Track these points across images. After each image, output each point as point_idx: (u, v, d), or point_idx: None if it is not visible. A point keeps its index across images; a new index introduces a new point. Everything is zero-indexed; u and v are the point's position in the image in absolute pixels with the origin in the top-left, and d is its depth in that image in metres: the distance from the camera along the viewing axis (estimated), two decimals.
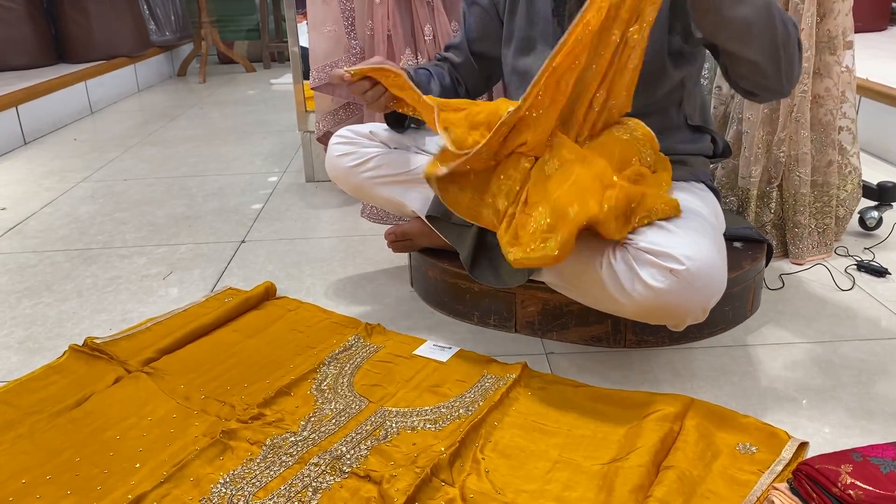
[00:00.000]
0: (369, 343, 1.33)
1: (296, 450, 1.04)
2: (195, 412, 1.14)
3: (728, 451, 1.01)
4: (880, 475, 0.84)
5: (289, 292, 1.56)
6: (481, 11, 1.43)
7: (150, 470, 1.01)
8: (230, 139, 3.03)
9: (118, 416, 1.13)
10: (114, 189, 2.38)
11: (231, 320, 1.42)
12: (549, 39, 1.32)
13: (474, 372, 1.22)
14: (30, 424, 1.11)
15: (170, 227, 2.01)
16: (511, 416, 1.11)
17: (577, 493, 0.95)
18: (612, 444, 1.03)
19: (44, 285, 1.66)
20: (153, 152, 2.85)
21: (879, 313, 1.42)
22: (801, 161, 1.58)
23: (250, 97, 4.00)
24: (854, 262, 1.61)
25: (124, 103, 3.95)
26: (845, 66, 1.57)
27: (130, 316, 1.50)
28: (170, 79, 4.75)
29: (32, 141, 3.08)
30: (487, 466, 1.00)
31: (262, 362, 1.28)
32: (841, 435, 1.07)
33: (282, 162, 2.63)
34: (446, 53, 1.50)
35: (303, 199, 2.21)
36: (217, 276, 1.68)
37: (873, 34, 3.71)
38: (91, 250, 1.86)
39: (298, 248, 1.83)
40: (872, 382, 1.19)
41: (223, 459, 1.02)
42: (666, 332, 1.29)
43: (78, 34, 3.91)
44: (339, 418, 1.11)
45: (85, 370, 1.26)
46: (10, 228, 2.04)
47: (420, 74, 1.42)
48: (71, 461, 1.03)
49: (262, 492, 0.96)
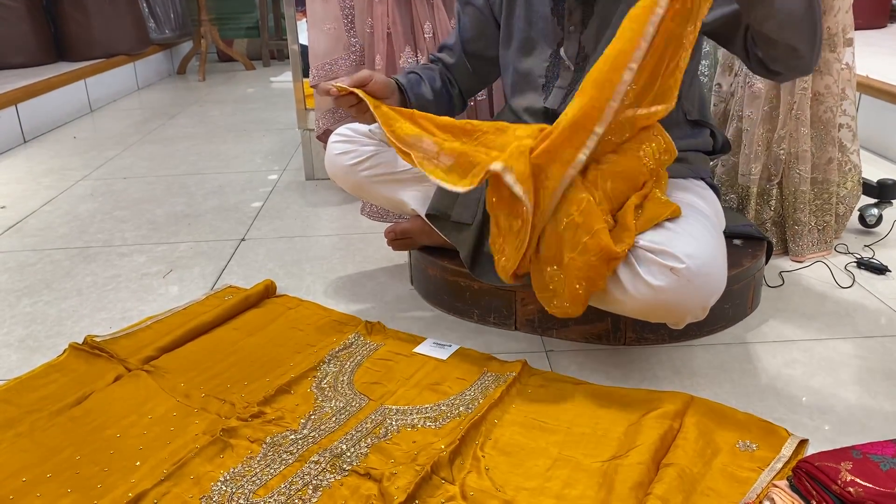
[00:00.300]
0: (369, 341, 1.33)
1: (296, 448, 1.04)
2: (195, 410, 1.14)
3: (728, 449, 1.01)
4: (880, 472, 0.84)
5: (289, 290, 1.56)
6: (475, 12, 1.43)
7: (151, 468, 1.01)
8: (230, 137, 3.02)
9: (118, 414, 1.13)
10: (113, 187, 2.38)
11: (231, 318, 1.42)
12: (549, 39, 1.32)
13: (474, 370, 1.22)
14: (30, 423, 1.11)
15: (170, 225, 2.01)
16: (511, 414, 1.11)
17: (577, 491, 0.95)
18: (612, 441, 1.04)
19: (44, 284, 1.66)
20: (153, 150, 2.85)
21: (879, 310, 1.42)
22: (801, 158, 1.58)
23: (250, 95, 4.00)
24: (854, 259, 1.61)
25: (124, 101, 3.95)
26: (845, 64, 1.57)
27: (130, 314, 1.50)
28: (169, 77, 4.75)
29: (32, 139, 3.08)
30: (487, 464, 1.00)
31: (262, 360, 1.28)
32: (841, 432, 1.07)
33: (281, 160, 2.63)
34: (439, 54, 1.50)
35: (303, 197, 2.21)
36: (217, 274, 1.68)
37: (873, 31, 3.71)
38: (91, 248, 1.86)
39: (298, 246, 1.83)
40: (872, 380, 1.19)
41: (223, 457, 1.03)
42: (666, 330, 1.29)
43: (77, 32, 3.91)
44: (339, 416, 1.11)
45: (85, 368, 1.26)
46: (9, 227, 2.04)
47: (410, 79, 1.42)
48: (71, 459, 1.03)
49: (262, 490, 0.96)
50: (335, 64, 1.96)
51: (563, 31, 1.31)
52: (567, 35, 1.30)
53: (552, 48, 1.33)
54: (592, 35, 1.28)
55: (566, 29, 1.30)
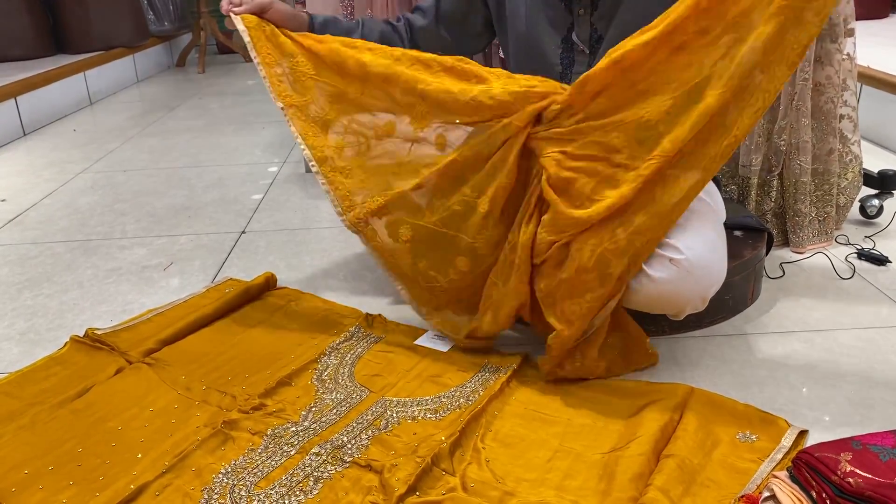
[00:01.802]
0: (370, 333, 1.33)
1: (297, 440, 1.04)
2: (196, 403, 1.14)
3: (728, 440, 1.01)
4: (879, 463, 0.84)
5: (289, 283, 1.56)
6: None
7: (152, 460, 1.01)
8: (229, 129, 3.02)
9: (120, 406, 1.13)
10: (113, 180, 2.37)
11: (232, 311, 1.42)
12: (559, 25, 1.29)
13: (475, 362, 1.22)
14: (32, 415, 1.11)
15: (170, 217, 2.01)
16: (511, 406, 1.11)
17: (577, 482, 0.95)
18: (613, 433, 1.04)
19: (44, 276, 1.66)
20: (152, 143, 2.84)
21: (879, 301, 1.42)
22: (801, 149, 1.58)
23: (249, 87, 3.99)
24: (854, 250, 1.61)
25: (123, 94, 3.94)
26: (846, 54, 1.56)
27: (131, 307, 1.50)
28: (168, 69, 4.74)
29: (32, 132, 3.08)
30: (488, 456, 1.00)
31: (263, 353, 1.28)
32: (840, 423, 1.07)
33: (281, 152, 2.63)
34: (409, 14, 1.42)
35: (303, 190, 2.20)
36: (217, 266, 1.68)
37: (875, 21, 3.70)
38: (91, 241, 1.86)
39: (299, 238, 1.83)
40: (872, 371, 1.19)
41: (225, 450, 1.03)
42: (666, 322, 1.29)
43: (76, 24, 3.90)
44: (340, 408, 1.11)
45: (86, 361, 1.26)
46: (10, 220, 2.04)
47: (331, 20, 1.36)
48: (73, 452, 1.03)
49: (263, 481, 0.97)
50: None
51: (571, 15, 1.29)
52: (577, 19, 1.28)
53: (562, 34, 1.30)
54: (604, 15, 1.25)
55: (575, 13, 1.28)
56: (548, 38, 1.31)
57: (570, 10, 1.28)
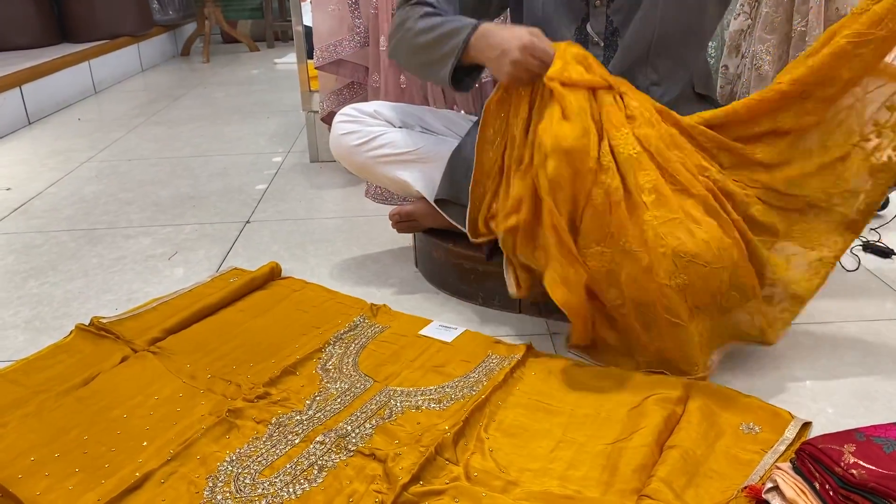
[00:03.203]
0: (374, 323, 1.33)
1: (301, 428, 1.04)
2: (201, 391, 1.14)
3: (731, 431, 1.01)
4: (883, 455, 0.84)
5: (294, 272, 1.56)
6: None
7: (157, 448, 1.01)
8: (234, 119, 3.02)
9: (125, 395, 1.14)
10: (118, 169, 2.38)
11: (236, 300, 1.42)
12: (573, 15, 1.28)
13: (479, 352, 1.22)
14: (37, 403, 1.11)
15: (174, 207, 2.01)
16: (515, 396, 1.11)
17: (580, 472, 0.95)
18: (616, 423, 1.04)
19: (49, 265, 1.67)
20: (157, 132, 2.85)
21: (885, 294, 1.41)
22: None
23: (254, 77, 3.99)
24: (860, 242, 1.61)
25: (128, 83, 3.94)
26: None
27: (136, 296, 1.50)
28: (173, 58, 4.73)
29: (36, 121, 3.08)
30: (491, 445, 1.01)
31: (268, 342, 1.28)
32: (844, 415, 1.07)
33: (286, 142, 2.63)
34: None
35: (307, 179, 2.20)
36: (222, 256, 1.69)
37: None
38: (96, 230, 1.86)
39: (303, 228, 1.84)
40: (876, 363, 1.19)
41: (229, 438, 1.03)
42: None
43: (81, 13, 3.89)
44: (344, 397, 1.12)
45: (91, 349, 1.27)
46: (15, 209, 2.04)
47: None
48: (78, 439, 1.04)
49: (268, 470, 0.97)
50: (339, 45, 1.95)
51: (587, 6, 1.28)
52: (592, 10, 1.27)
53: (577, 24, 1.29)
54: (621, 9, 1.24)
55: (591, 4, 1.27)
56: (563, 27, 1.29)
57: (586, 1, 1.27)
